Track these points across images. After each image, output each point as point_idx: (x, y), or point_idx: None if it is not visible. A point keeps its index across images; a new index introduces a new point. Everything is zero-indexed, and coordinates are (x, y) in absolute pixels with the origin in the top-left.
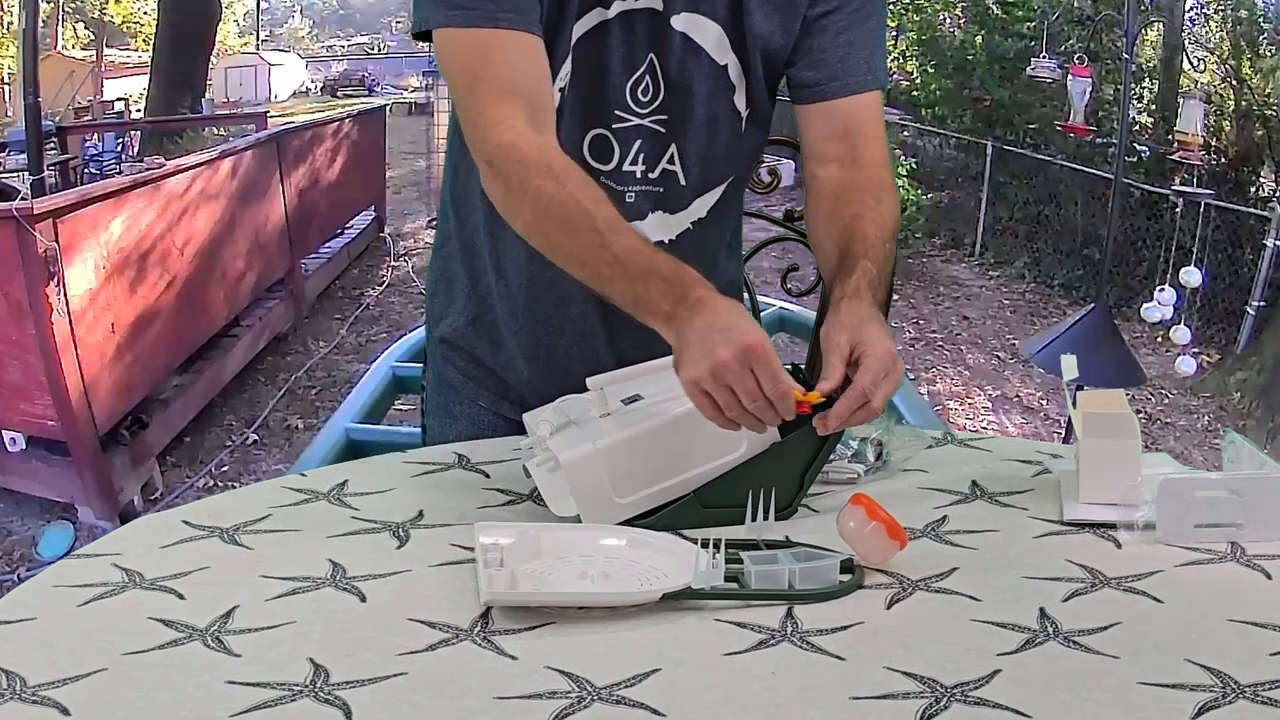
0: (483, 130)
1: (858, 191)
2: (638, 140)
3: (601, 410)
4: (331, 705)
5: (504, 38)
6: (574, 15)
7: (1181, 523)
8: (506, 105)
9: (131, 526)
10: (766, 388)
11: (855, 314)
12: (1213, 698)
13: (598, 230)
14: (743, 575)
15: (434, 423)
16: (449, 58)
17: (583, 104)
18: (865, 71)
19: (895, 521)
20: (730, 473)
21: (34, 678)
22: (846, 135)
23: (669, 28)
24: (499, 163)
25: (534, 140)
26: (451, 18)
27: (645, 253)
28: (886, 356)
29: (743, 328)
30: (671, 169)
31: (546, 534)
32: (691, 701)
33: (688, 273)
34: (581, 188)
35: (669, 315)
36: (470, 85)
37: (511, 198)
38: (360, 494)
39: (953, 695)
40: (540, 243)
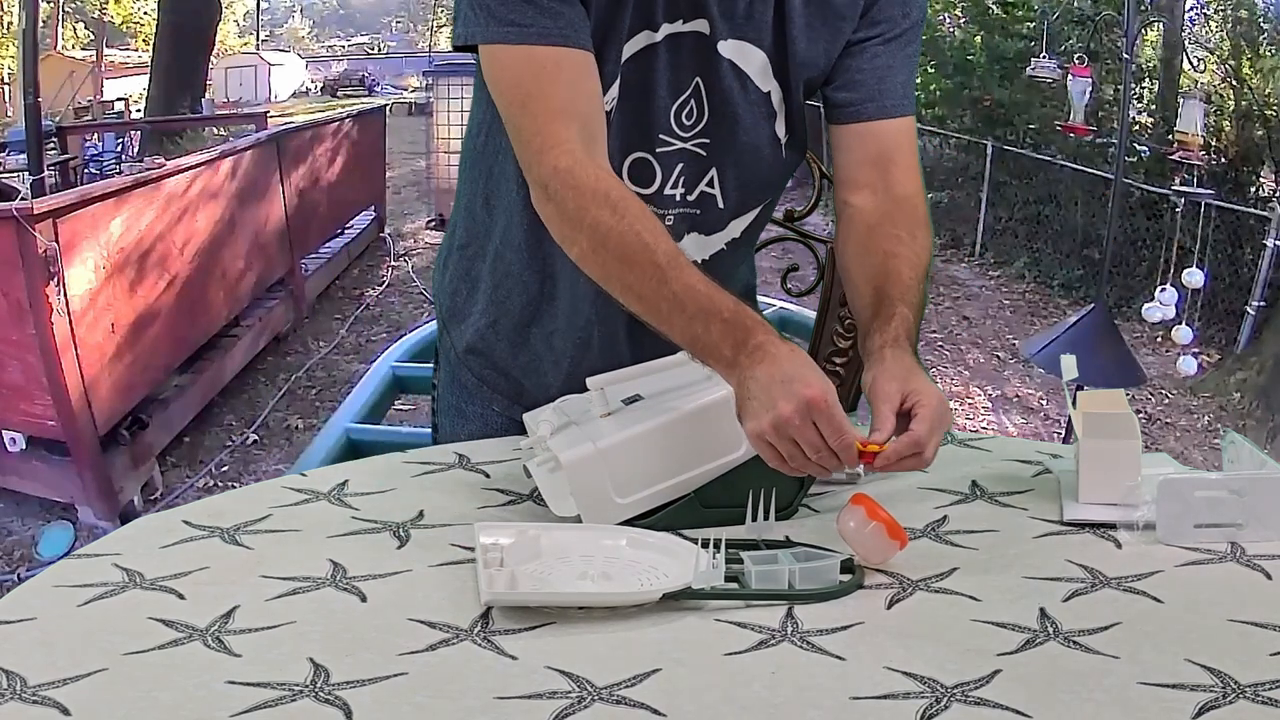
0: (538, 153)
1: (891, 225)
2: (679, 164)
3: (602, 410)
4: (332, 705)
5: (559, 55)
6: (623, 36)
7: (1181, 523)
8: (561, 127)
9: (132, 526)
10: (830, 439)
11: (901, 364)
12: (1213, 698)
13: (658, 265)
14: (743, 575)
15: (445, 422)
16: (500, 75)
17: (627, 127)
18: (901, 96)
19: (895, 521)
20: (730, 473)
21: (34, 678)
22: (880, 161)
23: (715, 53)
24: (555, 188)
25: (590, 167)
26: (506, 34)
27: (704, 291)
28: (940, 406)
29: (805, 379)
30: (710, 192)
31: (546, 534)
32: (692, 701)
33: (748, 315)
34: (640, 219)
35: (730, 361)
36: (523, 105)
37: (567, 225)
38: (360, 494)
39: (953, 695)
40: (596, 273)
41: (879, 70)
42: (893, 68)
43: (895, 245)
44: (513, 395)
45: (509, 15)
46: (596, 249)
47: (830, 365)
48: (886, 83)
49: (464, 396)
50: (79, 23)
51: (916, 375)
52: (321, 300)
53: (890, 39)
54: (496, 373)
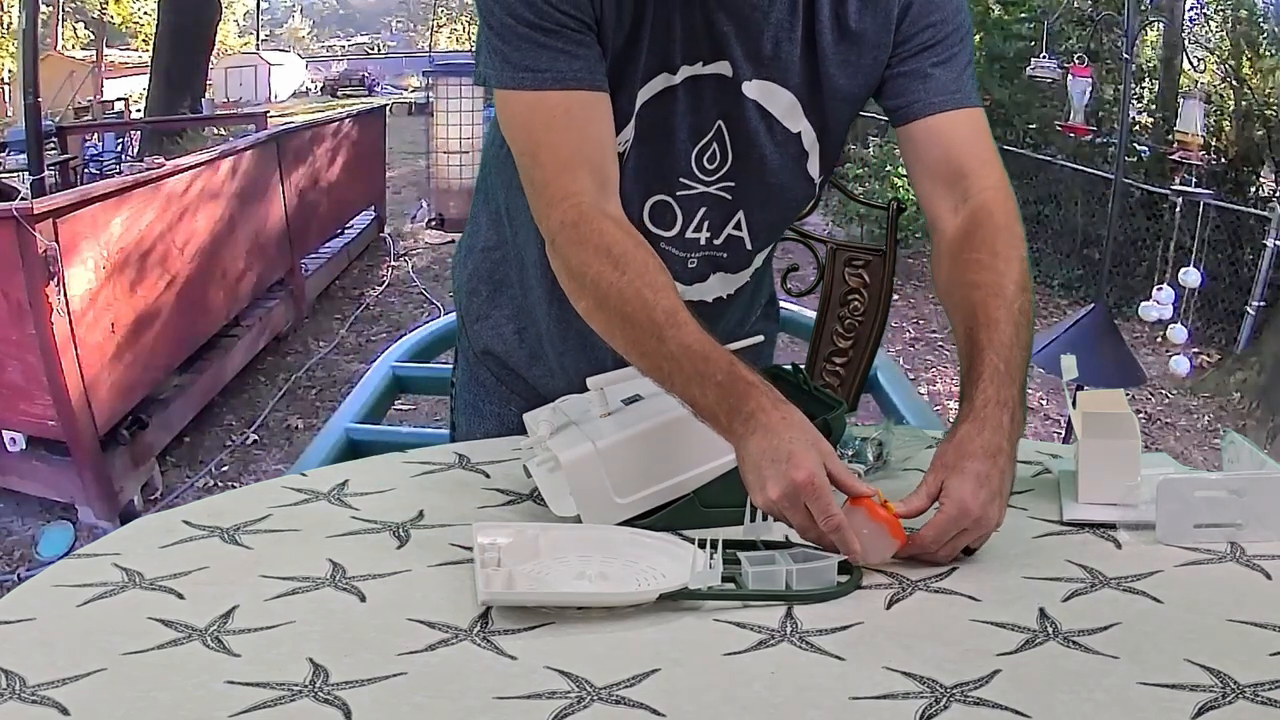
0: (547, 206)
1: (971, 249)
2: (702, 208)
3: (601, 410)
4: (331, 705)
5: (571, 100)
6: (639, 79)
7: (1181, 523)
8: (569, 178)
9: (131, 526)
10: (820, 522)
11: (963, 448)
12: (1213, 698)
13: (656, 324)
14: (740, 576)
15: (463, 420)
16: (511, 120)
17: (645, 169)
18: (951, 90)
19: (897, 520)
20: (730, 473)
21: (33, 677)
22: (949, 167)
23: (740, 95)
24: (560, 243)
25: (596, 220)
26: (520, 80)
27: (700, 352)
28: (961, 515)
29: (794, 459)
30: (738, 234)
31: (544, 534)
32: (691, 701)
33: (742, 377)
34: (642, 275)
35: (726, 429)
36: (534, 155)
37: (573, 280)
38: (360, 494)
39: (952, 695)
40: (600, 329)
41: (919, 74)
42: (933, 70)
43: (977, 274)
44: (530, 398)
45: (523, 61)
46: (600, 305)
47: (830, 365)
48: (930, 83)
49: (481, 395)
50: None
51: (966, 468)
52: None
53: (929, 46)
54: (514, 375)
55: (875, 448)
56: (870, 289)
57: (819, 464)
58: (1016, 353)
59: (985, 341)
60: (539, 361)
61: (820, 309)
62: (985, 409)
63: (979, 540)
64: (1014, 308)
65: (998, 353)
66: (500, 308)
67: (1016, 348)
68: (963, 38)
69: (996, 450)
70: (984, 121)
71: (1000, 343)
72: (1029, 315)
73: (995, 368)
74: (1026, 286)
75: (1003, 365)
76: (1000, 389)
